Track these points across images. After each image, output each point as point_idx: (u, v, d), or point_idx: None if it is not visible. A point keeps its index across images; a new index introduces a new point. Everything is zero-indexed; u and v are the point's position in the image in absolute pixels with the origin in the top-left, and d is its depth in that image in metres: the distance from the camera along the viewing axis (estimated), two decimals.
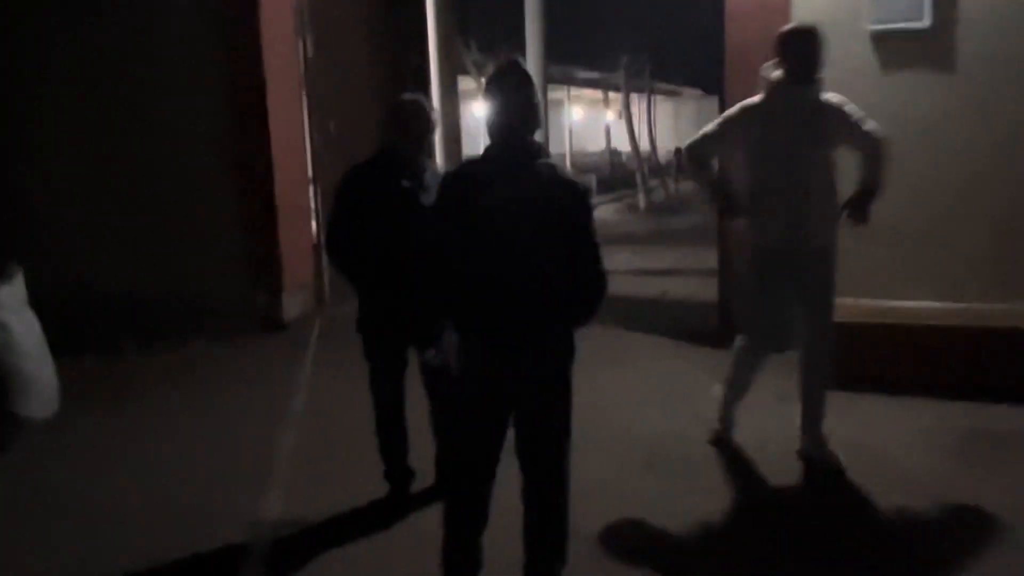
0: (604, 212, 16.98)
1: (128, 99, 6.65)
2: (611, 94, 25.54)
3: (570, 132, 22.18)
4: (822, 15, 5.42)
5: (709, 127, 4.00)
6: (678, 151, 20.38)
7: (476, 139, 13.50)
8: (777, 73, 3.78)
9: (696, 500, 3.59)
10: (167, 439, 4.53)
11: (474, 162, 2.78)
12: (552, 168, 2.65)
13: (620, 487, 3.74)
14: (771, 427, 4.20)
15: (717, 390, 4.18)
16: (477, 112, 17.02)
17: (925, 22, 5.09)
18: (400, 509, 3.66)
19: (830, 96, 3.83)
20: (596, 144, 28.37)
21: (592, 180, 17.49)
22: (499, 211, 2.59)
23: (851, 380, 4.39)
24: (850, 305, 4.61)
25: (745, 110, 3.88)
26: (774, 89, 3.78)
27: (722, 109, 6.12)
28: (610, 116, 27.72)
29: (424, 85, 8.13)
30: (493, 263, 2.62)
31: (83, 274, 6.52)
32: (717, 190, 4.02)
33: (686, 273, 8.30)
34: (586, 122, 31.46)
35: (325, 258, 6.94)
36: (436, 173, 3.56)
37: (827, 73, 3.78)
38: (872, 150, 3.80)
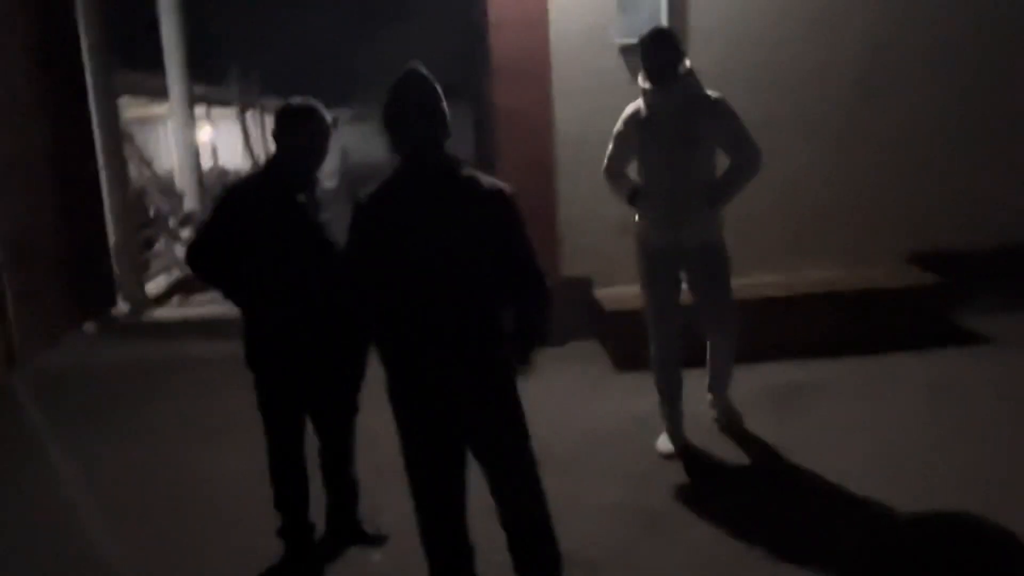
0: None
1: None
2: (215, 109, 24.56)
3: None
4: (577, 29, 5.73)
5: (610, 147, 4.08)
6: None
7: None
8: (641, 79, 3.92)
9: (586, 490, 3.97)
10: None
11: (387, 186, 2.48)
12: (473, 180, 2.47)
13: None
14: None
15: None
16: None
17: None
18: (309, 571, 3.22)
19: (710, 93, 3.92)
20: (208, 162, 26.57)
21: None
22: (423, 240, 2.41)
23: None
24: None
25: (625, 120, 3.98)
26: (644, 94, 3.88)
27: (484, 117, 6.15)
28: (209, 132, 26.34)
29: (81, 93, 7.19)
30: (422, 296, 2.44)
31: None
32: (627, 188, 4.04)
33: None
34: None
35: (15, 303, 5.59)
36: (325, 188, 3.24)
37: (687, 70, 3.89)
38: (742, 162, 3.86)
